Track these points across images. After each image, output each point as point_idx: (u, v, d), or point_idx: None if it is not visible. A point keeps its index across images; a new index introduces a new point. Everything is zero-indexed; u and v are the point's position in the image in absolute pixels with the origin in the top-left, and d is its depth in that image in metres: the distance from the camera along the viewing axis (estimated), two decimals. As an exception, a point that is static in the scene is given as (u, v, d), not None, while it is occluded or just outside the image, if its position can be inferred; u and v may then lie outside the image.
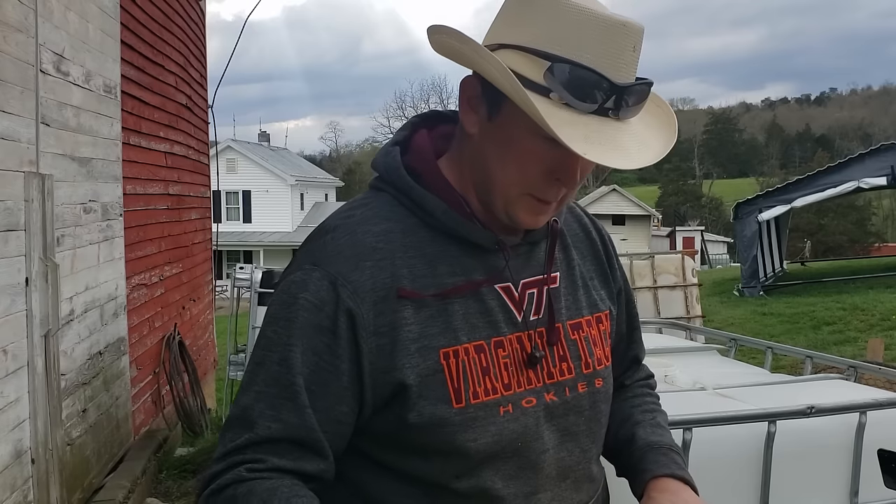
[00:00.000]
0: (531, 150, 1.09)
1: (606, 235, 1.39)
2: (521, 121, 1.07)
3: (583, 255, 1.32)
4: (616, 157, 1.05)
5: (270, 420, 1.09)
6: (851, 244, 39.03)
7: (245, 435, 1.09)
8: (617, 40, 1.04)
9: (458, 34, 1.10)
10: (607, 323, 1.31)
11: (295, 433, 1.09)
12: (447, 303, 1.13)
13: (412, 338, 1.11)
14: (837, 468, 2.57)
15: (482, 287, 1.16)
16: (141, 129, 5.98)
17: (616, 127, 1.06)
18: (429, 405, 1.11)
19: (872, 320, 12.16)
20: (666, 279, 9.64)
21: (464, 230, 1.16)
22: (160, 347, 6.39)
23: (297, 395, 1.09)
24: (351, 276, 1.11)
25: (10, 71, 3.68)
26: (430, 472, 1.14)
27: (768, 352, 3.79)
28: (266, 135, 46.21)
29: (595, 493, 1.29)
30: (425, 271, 1.13)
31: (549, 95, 1.04)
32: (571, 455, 1.22)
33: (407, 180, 1.17)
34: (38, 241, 3.88)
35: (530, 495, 1.18)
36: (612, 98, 1.05)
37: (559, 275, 1.25)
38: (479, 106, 1.13)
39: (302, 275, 1.13)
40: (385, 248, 1.13)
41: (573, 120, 1.04)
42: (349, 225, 1.16)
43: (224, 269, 29.85)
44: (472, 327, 1.15)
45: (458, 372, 1.12)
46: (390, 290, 1.11)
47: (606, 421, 1.31)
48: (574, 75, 1.03)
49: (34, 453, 3.79)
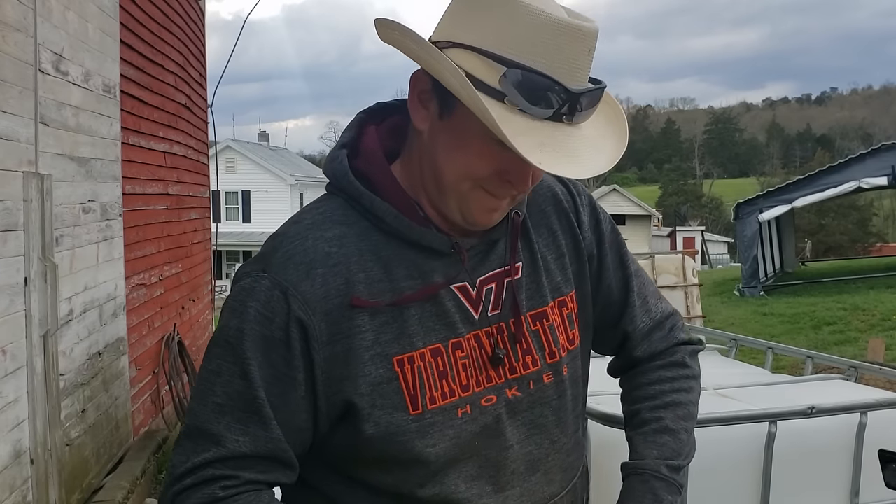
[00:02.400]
0: (483, 152, 1.08)
1: (580, 195, 1.33)
2: (473, 123, 1.04)
3: (551, 233, 1.27)
4: (570, 166, 1.03)
5: (239, 434, 1.07)
6: (852, 244, 38.99)
7: (212, 449, 1.07)
8: (572, 45, 1.02)
9: (408, 31, 1.07)
10: (572, 304, 1.27)
11: (263, 447, 1.08)
12: (403, 308, 1.12)
13: (366, 346, 1.09)
14: (838, 468, 2.57)
15: (440, 290, 1.14)
16: (140, 129, 5.98)
17: (569, 133, 1.05)
18: (385, 415, 1.10)
19: (873, 320, 12.16)
20: (666, 279, 9.64)
21: (416, 235, 1.13)
22: (159, 348, 6.39)
23: (261, 408, 1.07)
24: (301, 285, 1.08)
25: (9, 70, 3.67)
26: (392, 482, 1.13)
27: (769, 352, 3.79)
28: (266, 134, 46.23)
29: (570, 481, 1.27)
30: (381, 276, 1.11)
31: (503, 100, 1.02)
32: (540, 448, 1.21)
33: (356, 186, 1.14)
34: (37, 241, 3.88)
35: (496, 493, 1.17)
36: (567, 104, 1.03)
37: (521, 265, 1.23)
38: (430, 102, 1.11)
39: (252, 282, 1.10)
40: (339, 252, 1.11)
41: (528, 127, 1.02)
42: (299, 230, 1.14)
43: (224, 269, 29.87)
44: (428, 331, 1.13)
45: (413, 378, 1.11)
46: (344, 297, 1.09)
47: (577, 404, 1.29)
48: (529, 81, 1.01)
49: (33, 454, 3.78)
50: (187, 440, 1.09)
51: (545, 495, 1.22)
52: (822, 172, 17.66)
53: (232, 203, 38.36)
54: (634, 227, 41.59)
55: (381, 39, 1.12)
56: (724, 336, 4.40)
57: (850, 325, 12.03)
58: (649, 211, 44.70)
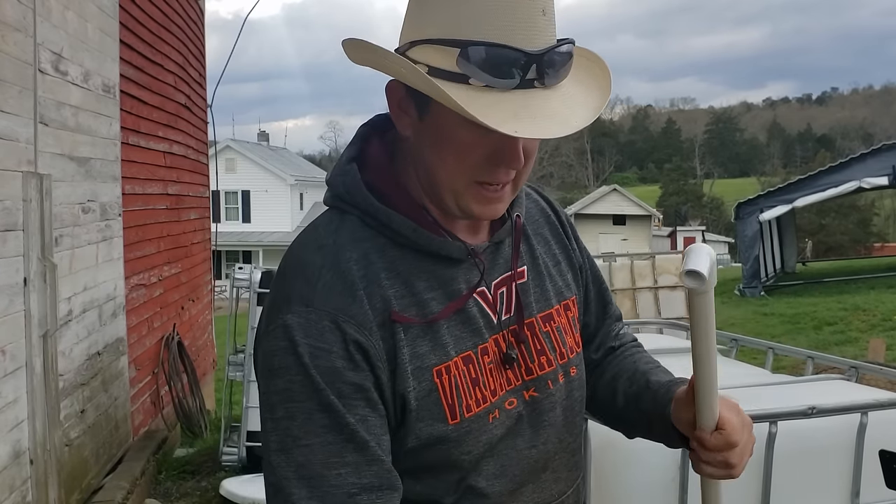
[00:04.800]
0: (466, 140, 1.07)
1: (562, 212, 1.38)
2: (449, 114, 1.04)
3: (546, 241, 1.31)
4: (550, 126, 1.02)
5: (338, 468, 1.02)
6: (853, 244, 38.99)
7: (315, 495, 1.01)
8: (523, 9, 1.02)
9: (365, 44, 1.08)
10: (574, 309, 1.30)
11: (367, 474, 1.03)
12: (433, 319, 1.11)
13: (408, 359, 1.09)
14: (839, 469, 2.57)
15: (468, 300, 1.14)
16: (140, 129, 5.98)
17: (545, 96, 1.04)
18: (426, 427, 1.09)
19: (874, 320, 12.17)
20: (666, 279, 9.63)
21: (435, 246, 1.13)
22: (159, 348, 6.38)
23: (353, 434, 1.03)
24: (350, 309, 1.06)
25: (9, 70, 3.67)
26: (420, 491, 1.13)
27: (769, 352, 3.78)
28: (265, 134, 46.27)
29: (574, 482, 1.29)
30: (404, 291, 1.11)
31: (468, 82, 1.02)
32: (550, 447, 1.22)
33: (372, 202, 1.13)
34: (37, 241, 3.87)
35: (514, 491, 1.18)
36: (533, 68, 1.02)
37: (525, 268, 1.25)
38: (409, 107, 1.12)
39: (296, 318, 1.05)
40: (368, 272, 1.10)
41: (498, 100, 1.01)
42: (327, 256, 1.11)
43: (223, 270, 29.86)
44: (458, 339, 1.13)
45: (451, 388, 1.11)
46: (385, 314, 1.08)
47: (581, 408, 1.31)
48: (487, 55, 1.01)
49: (32, 454, 3.78)
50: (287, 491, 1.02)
51: (553, 493, 1.24)
52: (822, 172, 17.69)
53: (232, 203, 38.37)
54: (634, 227, 41.60)
55: (352, 60, 1.14)
56: (724, 336, 4.39)
57: (850, 326, 12.03)
58: (650, 211, 44.68)
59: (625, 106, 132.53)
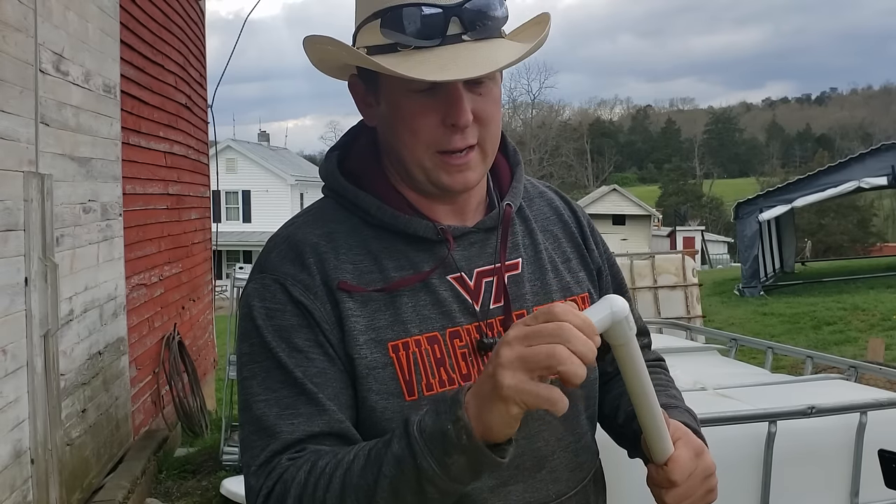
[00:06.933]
0: (413, 110, 1.10)
1: (582, 215, 1.38)
2: (395, 89, 1.10)
3: (555, 238, 1.30)
4: (478, 66, 1.05)
5: (291, 418, 1.07)
6: (852, 244, 39.01)
7: (271, 444, 1.07)
8: None
9: (309, 43, 1.14)
10: (584, 306, 1.26)
11: (319, 424, 1.07)
12: (395, 296, 1.13)
13: (360, 329, 1.11)
14: (838, 468, 2.57)
15: (431, 278, 1.16)
16: (140, 129, 5.98)
17: (474, 48, 1.07)
18: (381, 399, 1.10)
19: (873, 320, 12.18)
20: (666, 279, 9.64)
21: (401, 223, 1.16)
22: (160, 347, 6.39)
23: (303, 386, 1.08)
24: (298, 275, 1.12)
25: (10, 70, 3.68)
26: None
27: (769, 352, 3.79)
28: (266, 134, 46.24)
29: (580, 482, 1.25)
30: (371, 267, 1.14)
31: (397, 49, 1.06)
32: (547, 445, 1.19)
33: (341, 181, 1.20)
34: (38, 241, 3.88)
35: (497, 488, 1.15)
36: (457, 21, 1.06)
37: (521, 260, 1.24)
38: (368, 97, 1.17)
39: (254, 285, 1.15)
40: (327, 245, 1.15)
41: (426, 58, 1.05)
42: (291, 230, 1.19)
43: (224, 269, 29.86)
44: (424, 319, 1.14)
45: (408, 364, 1.12)
46: (334, 282, 1.12)
47: (587, 407, 1.27)
48: (405, 18, 1.05)
49: (33, 453, 3.78)
50: (247, 448, 1.09)
51: (550, 493, 1.20)
52: (821, 172, 17.68)
53: (232, 203, 38.35)
54: (634, 227, 41.57)
55: (322, 71, 1.20)
56: (724, 336, 4.40)
57: (849, 325, 12.04)
58: (649, 211, 44.64)
59: (624, 106, 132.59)
